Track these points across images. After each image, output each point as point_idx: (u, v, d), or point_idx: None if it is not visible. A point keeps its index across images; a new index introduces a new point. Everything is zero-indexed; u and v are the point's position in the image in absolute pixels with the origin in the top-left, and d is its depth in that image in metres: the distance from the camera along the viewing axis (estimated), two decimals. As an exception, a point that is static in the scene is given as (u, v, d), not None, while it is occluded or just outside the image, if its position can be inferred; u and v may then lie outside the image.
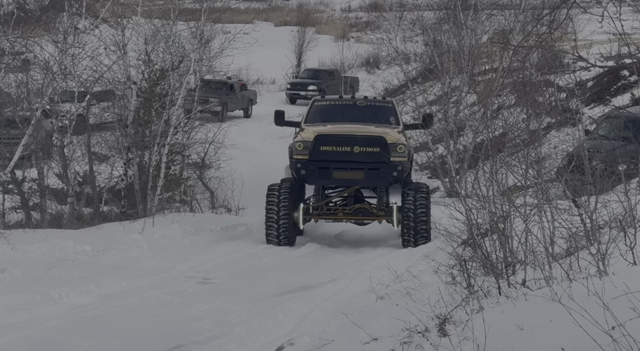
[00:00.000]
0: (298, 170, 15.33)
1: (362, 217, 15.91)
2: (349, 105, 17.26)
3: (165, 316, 9.48)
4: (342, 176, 15.32)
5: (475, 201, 8.52)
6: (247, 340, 8.38)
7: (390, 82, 36.35)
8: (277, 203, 15.43)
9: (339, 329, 8.25)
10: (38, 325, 8.70)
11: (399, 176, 15.21)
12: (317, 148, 15.18)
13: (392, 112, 16.98)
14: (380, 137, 15.28)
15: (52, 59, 17.30)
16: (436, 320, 6.69)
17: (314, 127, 15.94)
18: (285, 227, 15.42)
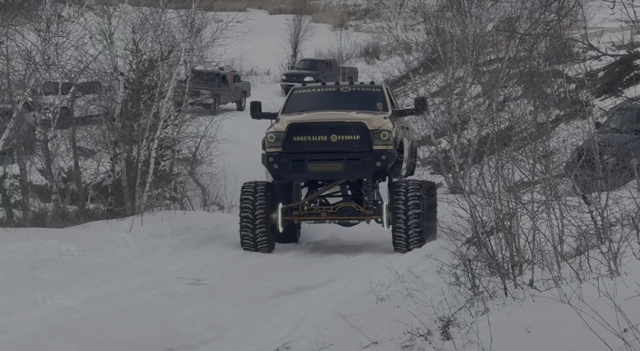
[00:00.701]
0: (271, 164, 14.54)
1: (348, 216, 15.19)
2: (331, 93, 16.46)
3: (155, 319, 9.47)
4: (318, 169, 14.53)
5: (480, 197, 8.52)
6: (240, 343, 8.37)
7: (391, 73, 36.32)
8: (253, 203, 14.69)
9: (337, 332, 8.25)
10: (20, 328, 8.69)
11: (384, 166, 14.40)
12: (290, 138, 14.40)
13: (381, 97, 16.08)
14: (360, 123, 14.46)
15: (35, 48, 17.28)
16: (439, 323, 6.70)
17: (288, 116, 15.14)
18: (262, 230, 14.63)
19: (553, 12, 10.13)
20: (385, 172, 14.64)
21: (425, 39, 27.88)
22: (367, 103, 15.78)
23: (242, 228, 14.69)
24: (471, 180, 17.20)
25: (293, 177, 15.07)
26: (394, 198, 14.51)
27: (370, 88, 16.60)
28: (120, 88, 18.65)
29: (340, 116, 14.87)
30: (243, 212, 14.71)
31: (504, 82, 21.62)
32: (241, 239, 14.70)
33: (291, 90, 16.68)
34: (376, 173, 14.62)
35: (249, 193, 14.82)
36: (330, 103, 15.87)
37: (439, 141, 23.25)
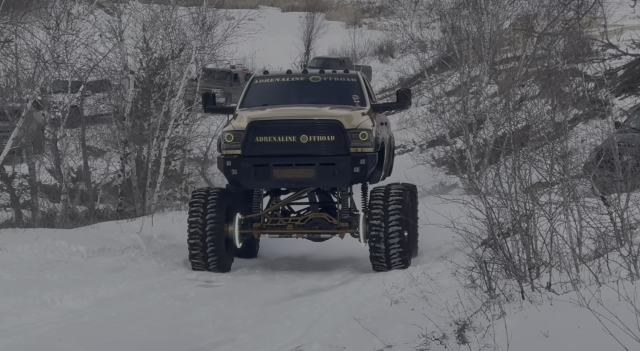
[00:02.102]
0: (228, 169, 12.63)
1: (319, 230, 13.26)
2: (299, 82, 14.27)
3: (166, 321, 9.49)
4: (285, 175, 12.63)
5: (496, 199, 8.50)
6: (252, 346, 8.38)
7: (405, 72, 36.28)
8: (203, 215, 12.79)
9: (350, 335, 8.25)
10: (29, 331, 8.72)
11: (363, 173, 12.58)
12: (252, 139, 12.53)
13: (357, 89, 13.97)
14: (335, 120, 12.59)
15: (44, 46, 17.34)
16: (455, 326, 6.69)
17: (249, 111, 13.19)
18: (214, 246, 12.71)
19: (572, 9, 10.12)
20: (364, 178, 12.87)
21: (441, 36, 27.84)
22: (342, 96, 13.83)
23: (190, 246, 12.81)
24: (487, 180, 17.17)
25: (255, 184, 13.09)
26: (372, 207, 12.70)
27: (345, 78, 14.42)
28: (130, 87, 18.70)
29: (311, 112, 13.01)
30: (191, 226, 12.83)
31: (521, 80, 21.57)
32: (190, 258, 12.89)
33: (250, 79, 14.50)
34: (354, 181, 12.85)
35: (198, 203, 12.92)
36: (298, 95, 14.00)
37: (454, 141, 23.21)
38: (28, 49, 17.20)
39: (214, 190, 13.36)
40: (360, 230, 12.90)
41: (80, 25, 18.68)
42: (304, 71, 14.82)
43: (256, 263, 13.92)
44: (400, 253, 12.48)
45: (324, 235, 13.54)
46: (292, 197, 13.89)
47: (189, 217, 12.95)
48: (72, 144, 18.64)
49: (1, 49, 16.01)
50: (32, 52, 17.16)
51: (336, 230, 13.23)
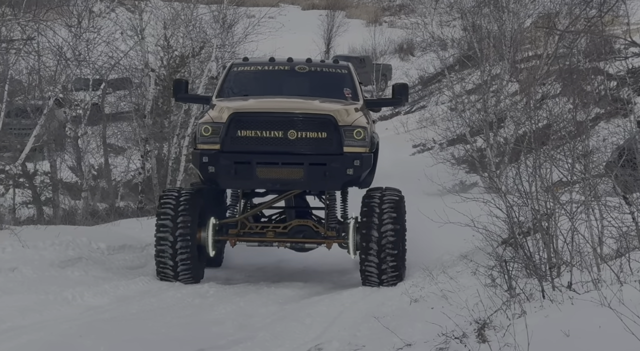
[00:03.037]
0: (204, 166, 11.28)
1: (302, 239, 11.93)
2: (283, 72, 12.87)
3: (185, 319, 9.52)
4: (270, 175, 11.30)
5: (516, 197, 8.47)
6: (271, 344, 8.38)
7: (426, 70, 36.26)
8: (174, 219, 11.50)
9: (370, 333, 8.24)
10: (50, 327, 8.76)
11: (356, 175, 11.31)
12: (233, 133, 11.24)
13: (349, 81, 12.76)
14: (328, 115, 11.32)
15: (66, 44, 17.43)
16: (475, 325, 6.67)
17: (229, 102, 11.88)
18: (184, 253, 11.46)
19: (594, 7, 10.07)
20: (357, 182, 11.58)
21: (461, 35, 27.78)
22: (331, 88, 12.58)
23: (157, 253, 11.53)
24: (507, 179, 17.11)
25: (235, 184, 11.76)
26: (365, 215, 11.52)
27: (335, 68, 13.10)
28: (151, 84, 18.78)
29: (300, 105, 11.69)
30: (160, 230, 11.51)
31: (542, 79, 21.48)
32: (157, 266, 11.61)
33: (229, 66, 13.12)
34: (346, 184, 11.58)
35: (168, 205, 11.60)
36: (283, 86, 12.69)
37: (475, 139, 23.15)
38: (50, 47, 17.29)
39: (187, 190, 12.08)
40: (350, 240, 11.68)
41: (102, 23, 18.80)
42: (289, 59, 13.15)
43: (271, 262, 13.89)
44: (394, 267, 11.36)
45: (309, 245, 12.09)
46: (274, 200, 12.40)
47: (157, 220, 11.62)
48: (93, 142, 18.75)
49: (24, 47, 16.10)
50: (54, 49, 17.25)
51: (322, 240, 11.88)
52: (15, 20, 16.31)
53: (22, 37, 16.33)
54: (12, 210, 16.52)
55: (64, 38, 17.55)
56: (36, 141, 16.78)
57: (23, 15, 16.47)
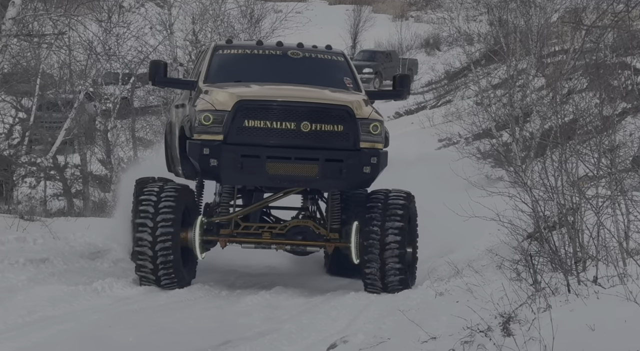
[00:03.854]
0: (205, 159, 10.10)
1: (302, 241, 10.81)
2: (275, 57, 11.59)
3: (213, 310, 9.56)
4: (282, 171, 10.22)
5: (542, 192, 8.42)
6: (297, 336, 8.40)
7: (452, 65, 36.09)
8: (154, 217, 10.21)
9: (395, 326, 8.23)
10: (80, 317, 8.83)
11: (373, 174, 10.41)
12: (239, 122, 10.11)
13: (347, 70, 11.64)
14: (345, 106, 10.33)
15: (96, 39, 17.54)
16: (500, 319, 6.63)
17: (228, 88, 10.67)
18: (166, 255, 10.21)
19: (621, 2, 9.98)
20: (371, 182, 10.63)
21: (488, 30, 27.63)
22: (330, 77, 11.44)
23: (136, 255, 10.41)
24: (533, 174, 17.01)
25: (241, 180, 10.59)
26: (370, 216, 10.56)
27: (331, 55, 11.82)
28: (179, 78, 18.82)
29: (314, 94, 10.65)
30: (139, 229, 10.27)
31: (569, 74, 21.32)
32: (135, 270, 10.44)
33: (212, 49, 11.72)
34: (361, 183, 10.61)
35: (148, 202, 10.30)
36: (276, 72, 11.38)
37: (500, 134, 23.03)
38: (81, 42, 17.42)
39: (171, 184, 10.74)
40: (353, 243, 10.64)
41: (131, 18, 18.91)
42: (279, 43, 12.01)
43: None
44: (399, 271, 10.46)
45: (310, 248, 10.99)
46: (274, 197, 11.18)
47: (134, 219, 10.54)
48: (123, 135, 18.86)
49: (55, 41, 16.21)
50: (85, 44, 17.38)
51: (324, 242, 10.77)
52: (47, 15, 16.42)
53: (53, 32, 16.45)
54: (43, 202, 16.65)
55: (94, 33, 17.67)
56: (67, 134, 16.90)
57: (55, 10, 16.58)
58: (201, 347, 7.92)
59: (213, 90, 10.61)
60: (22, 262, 11.07)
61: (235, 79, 11.11)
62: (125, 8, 19.09)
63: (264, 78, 11.14)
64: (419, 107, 38.85)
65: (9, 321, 8.37)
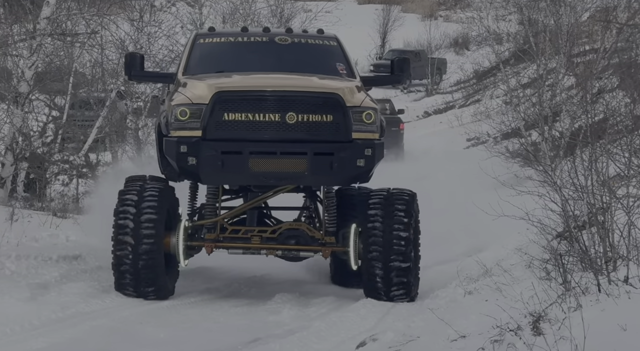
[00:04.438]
0: (183, 157, 9.23)
1: (295, 246, 9.94)
2: (261, 44, 10.76)
3: (243, 307, 9.60)
4: (266, 168, 9.29)
5: (572, 191, 8.36)
6: (327, 334, 8.40)
7: (481, 64, 35.95)
8: (136, 217, 9.38)
9: (424, 325, 8.20)
10: (112, 314, 8.89)
11: (368, 167, 9.48)
12: (218, 116, 9.21)
13: (339, 55, 10.71)
14: (333, 94, 9.42)
15: (128, 37, 17.64)
16: (529, 318, 6.60)
17: (208, 78, 9.85)
18: (149, 262, 9.38)
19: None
20: (366, 176, 9.70)
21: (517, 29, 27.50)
22: (321, 63, 10.56)
23: (115, 260, 9.50)
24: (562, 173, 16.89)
25: (222, 179, 9.69)
26: (371, 217, 9.69)
27: (322, 40, 10.87)
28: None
29: (299, 82, 9.76)
30: (119, 232, 9.44)
31: (599, 73, 21.17)
32: (115, 277, 9.60)
33: (192, 38, 10.89)
34: (355, 178, 9.68)
35: (129, 202, 9.47)
36: (262, 61, 10.51)
37: (529, 133, 22.91)
38: (113, 40, 17.53)
39: (153, 182, 9.80)
40: (351, 248, 9.79)
41: (163, 17, 19.00)
42: (266, 29, 11.25)
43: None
44: (404, 279, 9.67)
45: (304, 253, 10.09)
46: (261, 197, 10.24)
47: (115, 219, 9.51)
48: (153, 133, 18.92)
49: (88, 40, 16.33)
50: (117, 43, 17.47)
51: (319, 247, 9.89)
52: (80, 14, 16.55)
53: (86, 31, 16.56)
54: (76, 200, 16.75)
55: (126, 32, 17.77)
56: (99, 132, 17.00)
57: (88, 9, 16.70)
58: (232, 344, 7.95)
59: (190, 82, 9.78)
60: (55, 258, 11.17)
61: (217, 70, 10.26)
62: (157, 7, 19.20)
63: (249, 67, 10.33)
64: (448, 107, 38.76)
65: (43, 317, 8.45)
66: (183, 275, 11.12)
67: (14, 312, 8.49)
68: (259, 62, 10.44)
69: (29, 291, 9.52)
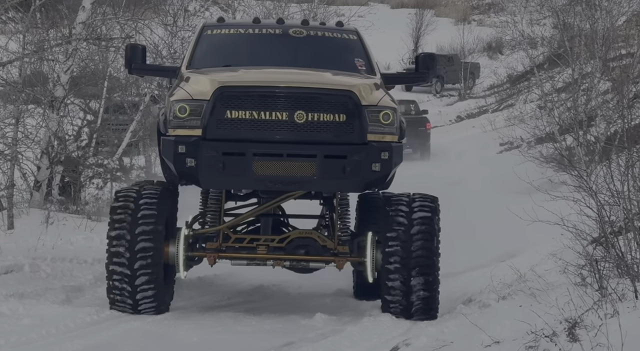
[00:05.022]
0: (181, 158, 8.41)
1: (305, 256, 9.09)
2: (274, 37, 9.99)
3: (276, 311, 9.61)
4: (272, 171, 8.44)
5: (607, 197, 8.28)
6: (359, 338, 8.37)
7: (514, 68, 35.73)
8: (131, 225, 8.62)
9: (457, 330, 8.16)
10: (146, 317, 8.92)
11: (384, 172, 8.60)
12: (220, 113, 8.37)
13: (359, 50, 9.91)
14: (347, 92, 8.54)
15: (162, 42, 17.75)
16: (565, 324, 6.54)
17: (211, 73, 9.04)
18: (147, 275, 8.66)
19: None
20: (383, 182, 8.80)
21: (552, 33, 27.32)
22: (338, 58, 9.76)
23: (110, 275, 8.72)
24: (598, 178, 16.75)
25: (223, 183, 8.82)
26: (391, 224, 8.87)
27: (341, 33, 10.07)
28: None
29: (311, 77, 8.93)
30: (113, 243, 8.66)
31: (636, 77, 20.96)
32: (107, 292, 8.84)
33: (199, 30, 10.13)
34: (369, 184, 8.77)
35: (124, 210, 8.69)
36: (274, 55, 9.75)
37: (564, 138, 22.73)
38: (147, 45, 17.62)
39: (150, 188, 8.95)
40: (368, 258, 8.99)
41: (196, 22, 19.05)
42: (280, 21, 10.31)
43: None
44: (428, 294, 8.91)
45: (315, 264, 9.21)
46: (268, 204, 9.34)
47: (109, 230, 8.74)
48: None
49: (122, 45, 16.44)
50: (151, 47, 17.57)
51: (332, 257, 9.06)
52: (115, 19, 16.68)
53: (121, 36, 16.68)
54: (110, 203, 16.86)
55: (160, 36, 17.87)
56: (132, 136, 17.09)
57: (122, 14, 16.83)
58: (264, 348, 7.96)
59: (192, 77, 8.98)
60: (89, 261, 11.27)
61: (224, 63, 9.48)
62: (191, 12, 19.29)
63: (259, 62, 9.55)
64: (481, 111, 38.56)
65: (78, 319, 8.54)
66: (215, 278, 11.17)
67: (50, 314, 8.59)
68: (270, 56, 9.71)
69: (64, 294, 9.62)
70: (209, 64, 9.44)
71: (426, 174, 16.33)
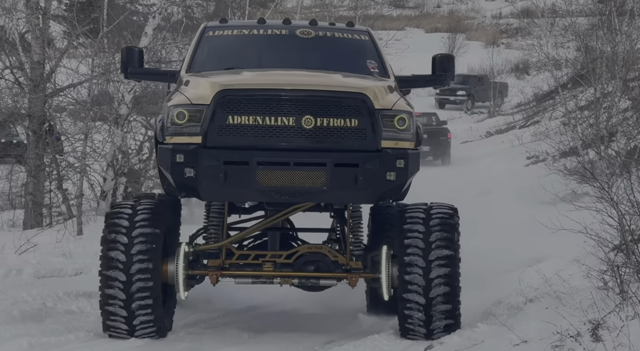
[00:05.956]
0: (178, 168, 7.18)
1: (315, 272, 7.89)
2: (281, 38, 8.72)
3: (318, 311, 9.61)
4: (277, 182, 7.19)
5: (628, 207, 8.19)
6: (397, 337, 8.33)
7: (540, 88, 35.46)
8: (127, 245, 7.43)
9: (487, 330, 8.10)
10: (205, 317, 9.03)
11: (400, 181, 7.37)
12: (222, 119, 7.15)
13: (371, 51, 8.67)
14: (359, 94, 7.32)
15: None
16: (589, 325, 6.47)
17: (212, 76, 7.80)
18: (144, 298, 7.45)
19: None
20: (398, 192, 7.55)
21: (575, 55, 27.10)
22: (349, 60, 8.55)
23: (103, 299, 7.51)
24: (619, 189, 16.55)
25: (225, 195, 7.50)
26: (404, 239, 7.70)
27: (352, 33, 8.83)
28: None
29: (319, 80, 7.70)
30: (107, 265, 7.46)
31: (654, 96, 20.73)
32: (102, 317, 7.60)
33: (201, 29, 8.85)
34: (384, 195, 7.49)
35: (118, 228, 7.49)
36: (281, 57, 8.59)
37: (586, 152, 22.53)
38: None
39: (146, 203, 7.75)
40: (383, 274, 7.83)
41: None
42: (286, 21, 8.93)
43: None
44: (449, 311, 7.77)
45: (326, 281, 8.01)
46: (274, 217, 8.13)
47: (102, 249, 7.52)
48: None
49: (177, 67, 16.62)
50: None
51: (344, 273, 7.92)
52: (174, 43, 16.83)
53: (179, 59, 16.83)
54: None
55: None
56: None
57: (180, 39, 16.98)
58: (308, 345, 7.93)
59: (192, 80, 7.75)
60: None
61: (227, 66, 8.28)
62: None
63: (264, 64, 8.43)
64: (509, 127, 38.31)
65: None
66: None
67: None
68: (276, 58, 8.55)
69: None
70: (211, 66, 8.29)
71: (456, 187, 16.22)
